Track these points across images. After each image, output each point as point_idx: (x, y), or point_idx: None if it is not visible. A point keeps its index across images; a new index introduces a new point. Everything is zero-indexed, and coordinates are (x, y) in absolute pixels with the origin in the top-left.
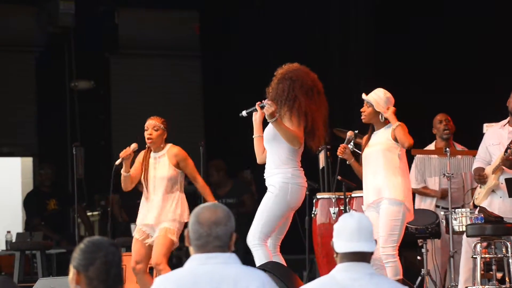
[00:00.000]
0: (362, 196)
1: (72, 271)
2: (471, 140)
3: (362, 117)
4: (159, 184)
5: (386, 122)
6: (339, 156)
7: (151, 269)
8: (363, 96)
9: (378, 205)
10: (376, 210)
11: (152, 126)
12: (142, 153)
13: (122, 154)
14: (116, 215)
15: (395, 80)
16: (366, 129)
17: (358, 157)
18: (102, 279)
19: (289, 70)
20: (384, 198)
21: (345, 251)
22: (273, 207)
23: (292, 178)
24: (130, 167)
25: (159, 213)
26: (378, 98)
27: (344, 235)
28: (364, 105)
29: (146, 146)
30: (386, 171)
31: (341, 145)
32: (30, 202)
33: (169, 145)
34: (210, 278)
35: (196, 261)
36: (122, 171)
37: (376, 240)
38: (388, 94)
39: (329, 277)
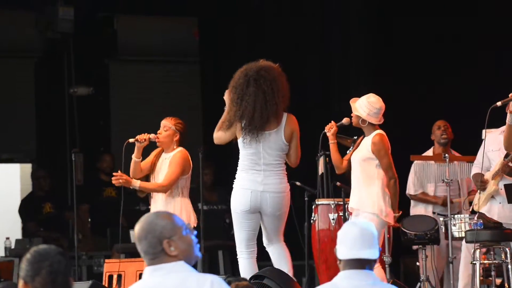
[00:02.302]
0: None
1: (20, 282)
2: (468, 146)
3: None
4: None
5: (375, 127)
6: (325, 130)
7: None
8: (351, 100)
9: (357, 214)
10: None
11: (163, 126)
12: (156, 151)
13: (139, 136)
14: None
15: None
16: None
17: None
18: None
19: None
20: (362, 211)
21: (347, 258)
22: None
23: (236, 182)
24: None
25: None
26: (360, 102)
27: (347, 242)
28: None
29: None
30: (363, 181)
31: (332, 121)
32: (25, 207)
33: (179, 149)
34: None
35: (146, 274)
36: (133, 155)
37: (381, 248)
38: (372, 99)
39: (331, 285)
